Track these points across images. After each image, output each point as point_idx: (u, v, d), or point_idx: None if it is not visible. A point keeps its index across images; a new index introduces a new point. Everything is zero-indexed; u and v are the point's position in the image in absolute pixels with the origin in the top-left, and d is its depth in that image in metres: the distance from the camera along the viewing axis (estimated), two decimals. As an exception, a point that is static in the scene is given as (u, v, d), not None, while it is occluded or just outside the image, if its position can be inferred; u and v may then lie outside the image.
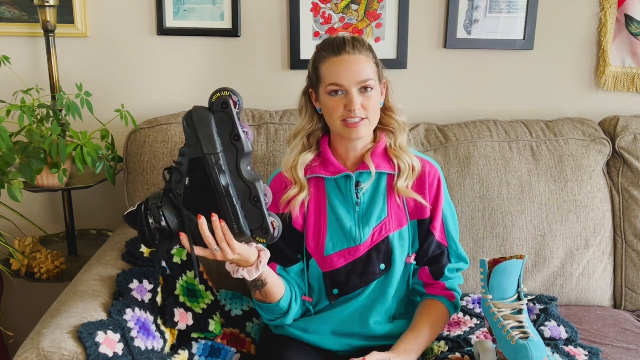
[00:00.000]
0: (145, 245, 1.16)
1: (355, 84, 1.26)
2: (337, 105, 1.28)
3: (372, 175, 1.32)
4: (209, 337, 1.40)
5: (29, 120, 1.54)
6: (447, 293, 1.38)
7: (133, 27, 1.83)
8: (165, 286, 1.38)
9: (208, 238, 1.11)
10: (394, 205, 1.34)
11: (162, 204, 1.11)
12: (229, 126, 1.08)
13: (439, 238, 1.37)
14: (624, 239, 1.78)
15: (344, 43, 1.27)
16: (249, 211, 1.11)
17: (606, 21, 1.93)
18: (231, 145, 1.09)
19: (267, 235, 1.12)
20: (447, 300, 1.38)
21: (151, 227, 1.10)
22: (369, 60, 1.29)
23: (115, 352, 1.11)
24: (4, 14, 1.78)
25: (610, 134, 1.82)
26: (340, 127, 1.29)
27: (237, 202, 1.10)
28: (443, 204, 1.37)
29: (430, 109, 1.94)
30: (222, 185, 1.09)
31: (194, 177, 1.10)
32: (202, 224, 1.10)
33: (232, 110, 1.07)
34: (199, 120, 1.08)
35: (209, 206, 1.10)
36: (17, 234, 1.78)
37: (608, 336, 1.56)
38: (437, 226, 1.36)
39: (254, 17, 1.85)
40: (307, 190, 1.34)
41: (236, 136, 1.08)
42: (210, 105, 1.09)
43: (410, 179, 1.33)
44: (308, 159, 1.35)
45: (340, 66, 1.27)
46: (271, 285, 1.27)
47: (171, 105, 1.83)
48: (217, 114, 1.08)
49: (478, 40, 1.91)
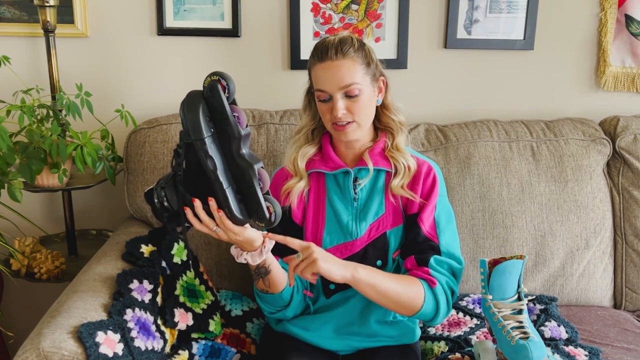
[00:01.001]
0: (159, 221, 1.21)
1: (338, 89, 1.26)
2: (325, 110, 1.30)
3: (370, 171, 1.33)
4: (209, 337, 1.40)
5: (29, 120, 1.54)
6: (428, 277, 1.26)
7: (133, 27, 1.83)
8: (165, 286, 1.38)
9: (205, 220, 1.15)
10: (391, 202, 1.35)
11: (166, 185, 1.15)
12: (219, 110, 1.09)
13: (426, 232, 1.31)
14: (624, 239, 1.78)
15: (327, 49, 1.26)
16: (245, 195, 1.12)
17: (606, 21, 1.93)
18: (223, 130, 1.10)
19: (262, 220, 1.13)
20: (426, 283, 1.26)
21: (156, 206, 1.16)
22: (355, 63, 1.27)
23: (115, 352, 1.11)
24: (4, 14, 1.78)
25: (610, 134, 1.82)
26: (331, 129, 1.32)
27: (227, 186, 1.11)
28: (435, 200, 1.34)
29: (430, 109, 1.94)
30: (210, 170, 1.10)
31: (189, 160, 1.12)
32: (197, 207, 1.14)
33: (220, 94, 1.08)
34: (188, 106, 1.09)
35: (205, 190, 1.12)
36: (17, 234, 1.78)
37: (608, 336, 1.56)
38: (426, 220, 1.31)
39: (254, 17, 1.85)
40: (306, 181, 1.36)
41: (225, 120, 1.09)
42: (203, 90, 1.10)
43: (405, 179, 1.34)
44: (309, 152, 1.37)
45: (324, 72, 1.27)
46: (275, 273, 1.27)
47: (171, 105, 1.83)
48: (207, 98, 1.09)
49: (478, 40, 1.91)
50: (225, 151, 1.11)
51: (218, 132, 1.10)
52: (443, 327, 1.55)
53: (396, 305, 1.24)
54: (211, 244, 1.65)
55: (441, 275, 1.28)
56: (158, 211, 1.17)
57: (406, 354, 1.37)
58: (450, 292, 1.29)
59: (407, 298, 1.23)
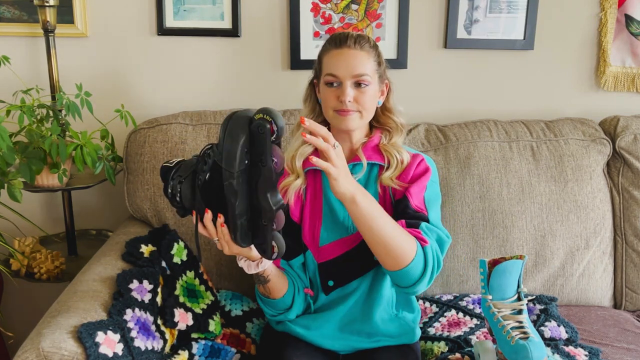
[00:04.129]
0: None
1: (350, 76, 1.29)
2: (332, 95, 1.31)
3: (363, 167, 1.34)
4: (209, 337, 1.40)
5: (29, 120, 1.54)
6: (420, 236, 1.22)
7: (133, 27, 1.83)
8: (165, 286, 1.38)
9: (210, 230, 1.16)
10: (386, 196, 1.35)
11: (185, 180, 1.14)
12: (260, 149, 1.05)
13: (415, 205, 1.28)
14: (624, 239, 1.78)
15: (346, 37, 1.31)
16: (256, 226, 1.12)
17: (606, 21, 1.93)
18: (257, 165, 1.07)
19: (264, 254, 1.14)
20: (418, 241, 1.21)
21: (168, 194, 1.16)
22: (369, 57, 1.31)
23: (115, 352, 1.11)
24: (4, 14, 1.78)
25: (610, 134, 1.82)
26: (332, 116, 1.33)
27: (240, 218, 1.10)
28: (426, 182, 1.32)
29: (430, 109, 1.94)
30: (230, 201, 1.08)
31: (212, 176, 1.11)
32: (207, 218, 1.14)
33: (267, 136, 1.04)
34: (230, 132, 1.05)
35: (218, 205, 1.12)
36: (17, 234, 1.78)
37: (608, 336, 1.56)
38: (415, 195, 1.30)
39: (254, 17, 1.85)
40: (303, 180, 1.37)
41: (263, 162, 1.05)
42: (251, 120, 1.06)
43: (397, 171, 1.34)
44: (307, 151, 1.37)
45: (339, 57, 1.30)
46: (274, 282, 1.28)
47: (171, 105, 1.83)
48: (253, 132, 1.05)
49: (478, 40, 1.91)
50: (252, 185, 1.08)
51: (252, 164, 1.07)
52: (443, 327, 1.55)
53: (387, 250, 1.18)
54: (211, 244, 1.65)
55: (431, 240, 1.24)
56: (169, 196, 1.17)
57: (406, 354, 1.37)
58: (437, 262, 1.24)
59: (400, 244, 1.18)
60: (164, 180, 1.18)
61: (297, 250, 1.38)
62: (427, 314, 1.61)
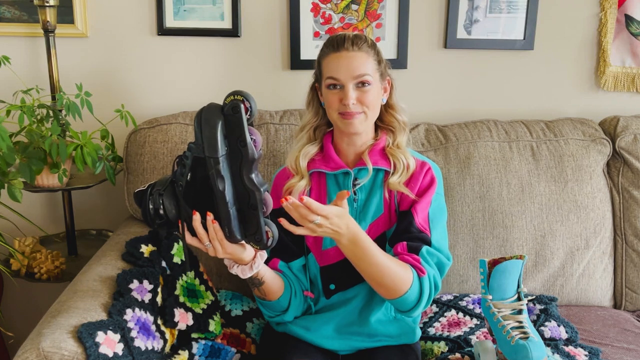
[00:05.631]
0: (147, 225, 1.20)
1: (351, 78, 1.29)
2: (334, 98, 1.31)
3: (369, 171, 1.34)
4: (209, 337, 1.40)
5: (29, 120, 1.54)
6: (418, 266, 1.24)
7: (133, 27, 1.83)
8: (165, 286, 1.38)
9: (200, 233, 1.15)
10: (388, 202, 1.35)
11: (165, 192, 1.14)
12: (237, 130, 1.07)
13: (419, 223, 1.30)
14: (624, 239, 1.78)
15: (343, 40, 1.31)
16: (246, 217, 1.12)
17: (606, 21, 1.93)
18: (237, 150, 1.08)
19: (259, 243, 1.14)
20: (415, 271, 1.24)
21: (150, 211, 1.14)
22: (369, 56, 1.31)
23: (115, 352, 1.11)
24: (4, 14, 1.78)
25: (610, 134, 1.82)
26: (337, 119, 1.33)
27: (231, 207, 1.10)
28: (431, 196, 1.33)
29: (430, 109, 1.94)
30: (218, 189, 1.09)
31: (195, 174, 1.11)
32: (196, 220, 1.14)
33: (242, 115, 1.06)
34: (206, 121, 1.07)
35: (205, 204, 1.12)
36: (17, 234, 1.78)
37: (608, 336, 1.56)
38: (420, 212, 1.31)
39: (254, 17, 1.85)
40: (307, 180, 1.37)
41: (242, 142, 1.07)
42: (223, 106, 1.09)
43: (403, 176, 1.34)
44: (311, 151, 1.37)
45: (338, 61, 1.30)
46: (269, 284, 1.28)
47: (171, 105, 1.83)
48: (227, 116, 1.07)
49: (478, 40, 1.91)
50: (234, 171, 1.09)
51: (230, 150, 1.09)
52: (443, 327, 1.55)
53: (382, 282, 1.21)
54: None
55: (430, 267, 1.26)
56: (150, 216, 1.15)
57: (406, 354, 1.37)
58: (434, 287, 1.27)
59: (394, 277, 1.20)
60: (140, 203, 1.17)
61: (296, 252, 1.37)
62: (427, 314, 1.61)
